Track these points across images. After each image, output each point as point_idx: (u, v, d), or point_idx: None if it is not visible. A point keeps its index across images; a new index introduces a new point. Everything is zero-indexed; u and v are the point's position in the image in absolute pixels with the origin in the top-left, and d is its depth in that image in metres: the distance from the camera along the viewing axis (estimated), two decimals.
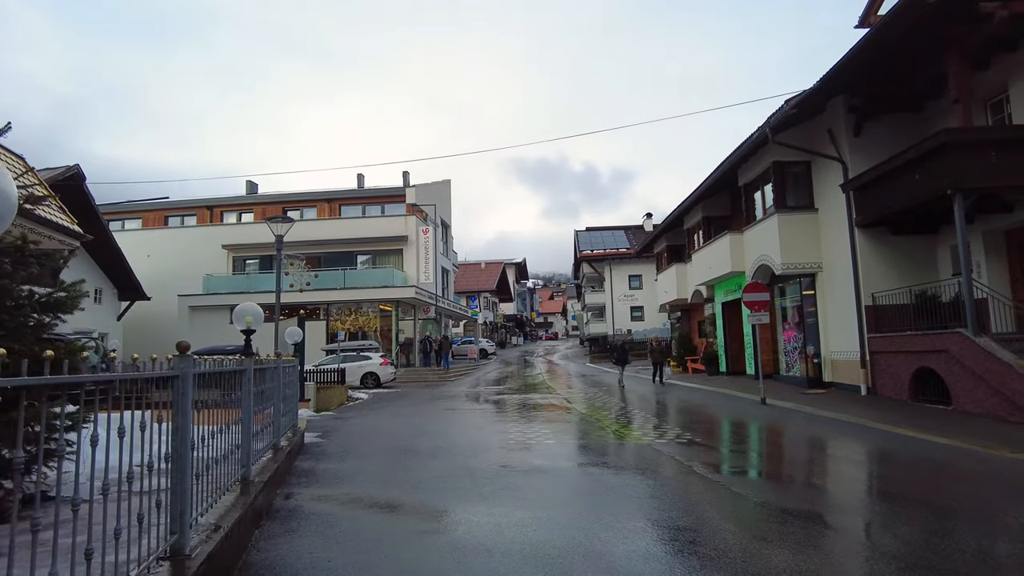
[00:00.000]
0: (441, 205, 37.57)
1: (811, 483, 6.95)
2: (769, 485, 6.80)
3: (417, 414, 14.66)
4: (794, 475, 7.55)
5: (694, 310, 27.24)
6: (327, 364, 24.38)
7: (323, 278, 31.77)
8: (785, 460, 8.66)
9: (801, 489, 6.55)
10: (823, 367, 15.98)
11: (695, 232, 24.73)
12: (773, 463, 8.28)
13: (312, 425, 12.36)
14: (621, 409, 14.01)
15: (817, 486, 6.74)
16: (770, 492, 6.27)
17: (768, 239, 17.00)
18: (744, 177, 18.87)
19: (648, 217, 57.23)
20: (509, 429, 11.11)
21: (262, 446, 6.94)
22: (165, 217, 38.23)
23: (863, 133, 14.78)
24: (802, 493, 6.28)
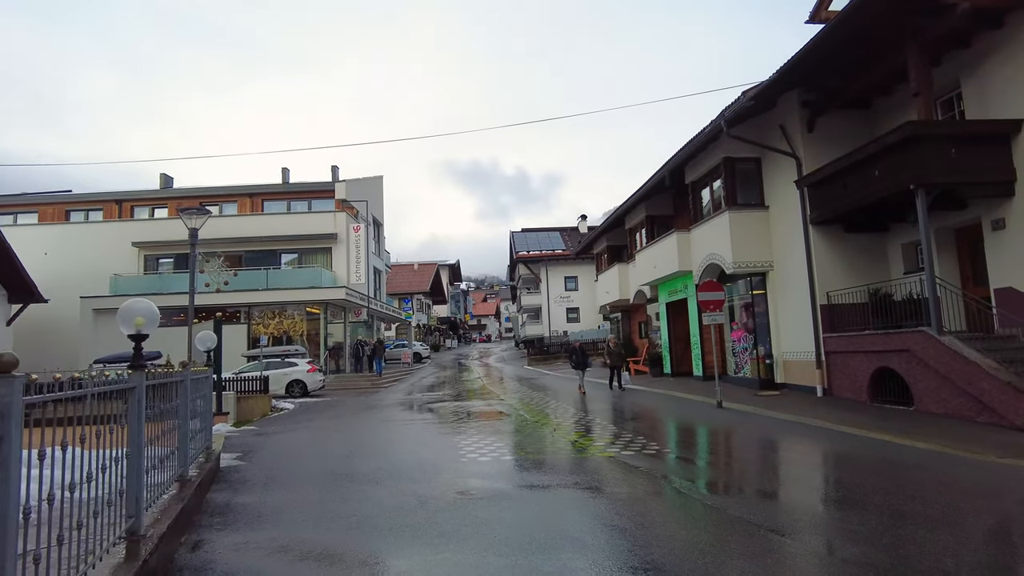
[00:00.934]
0: (373, 202, 35.83)
1: (819, 500, 6.18)
2: (764, 505, 5.97)
3: (351, 427, 13.25)
4: (785, 490, 6.77)
5: (634, 311, 26.85)
6: (249, 371, 22.43)
7: (244, 278, 29.49)
8: (769, 472, 7.90)
9: (805, 511, 5.74)
10: (775, 368, 15.63)
11: (637, 231, 24.27)
12: (756, 476, 7.49)
13: (230, 443, 10.78)
14: (577, 417, 13.09)
15: (829, 500, 5.96)
16: (764, 512, 5.42)
17: (718, 237, 16.56)
18: (692, 174, 18.43)
19: (583, 219, 57.22)
20: (459, 444, 9.94)
21: (166, 478, 5.54)
22: (66, 211, 34.67)
23: (816, 128, 14.50)
24: (810, 517, 5.46)
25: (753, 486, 6.86)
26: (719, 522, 5.24)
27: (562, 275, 52.37)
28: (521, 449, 9.31)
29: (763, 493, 6.45)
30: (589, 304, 51.13)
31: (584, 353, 18.94)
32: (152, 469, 4.86)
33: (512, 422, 12.79)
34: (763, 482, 7.09)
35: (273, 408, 20.04)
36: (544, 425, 12.02)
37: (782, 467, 8.05)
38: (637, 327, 26.56)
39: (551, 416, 13.36)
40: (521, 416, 13.64)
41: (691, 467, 7.79)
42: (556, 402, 16.26)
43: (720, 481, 6.98)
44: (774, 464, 8.19)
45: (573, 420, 12.48)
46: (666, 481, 6.84)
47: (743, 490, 6.66)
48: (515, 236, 56.76)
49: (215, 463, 7.89)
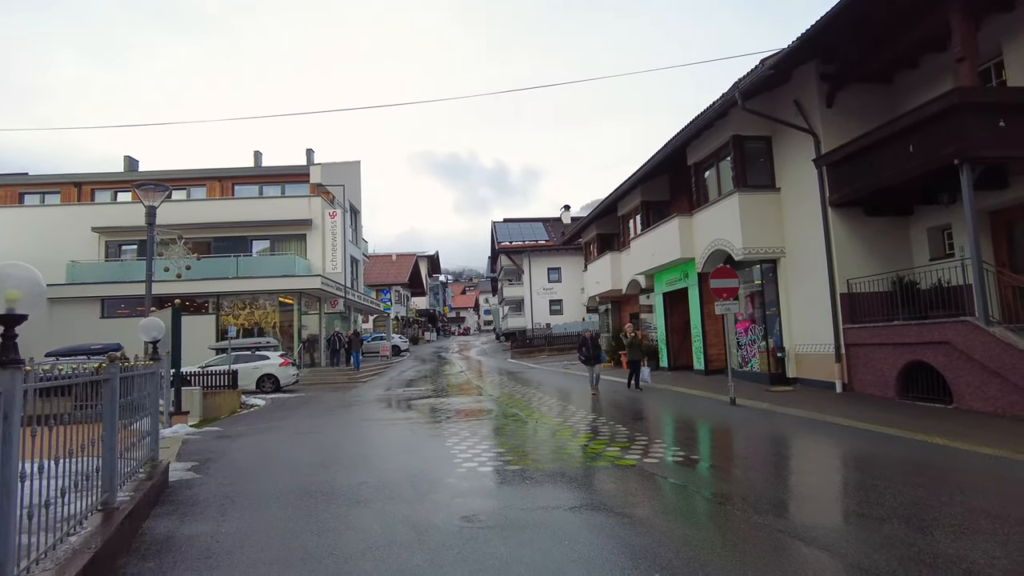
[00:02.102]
0: (350, 188, 34.15)
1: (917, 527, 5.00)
2: (840, 529, 4.76)
3: (328, 428, 11.85)
4: (854, 509, 5.59)
5: (624, 302, 25.73)
6: (216, 365, 20.84)
7: (213, 266, 27.73)
8: (826, 485, 6.72)
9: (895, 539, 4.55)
10: (787, 362, 14.57)
11: (631, 218, 23.10)
12: (811, 490, 6.29)
13: (188, 449, 9.33)
14: (578, 416, 11.85)
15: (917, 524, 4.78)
16: (844, 539, 4.22)
17: (725, 221, 15.42)
18: (695, 155, 17.26)
19: (566, 209, 56.09)
20: (452, 450, 8.63)
21: (79, 509, 4.16)
22: (20, 194, 32.46)
23: (835, 104, 13.40)
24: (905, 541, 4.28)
25: (813, 504, 5.67)
26: (798, 559, 4.02)
27: (545, 266, 51.17)
28: (526, 457, 8.03)
29: (825, 511, 5.27)
30: (573, 296, 50.06)
31: (597, 345, 15.73)
32: (47, 505, 3.48)
33: (506, 422, 11.51)
34: (822, 499, 5.91)
35: (242, 405, 18.58)
36: (544, 425, 10.76)
37: (835, 478, 6.88)
38: (628, 319, 25.43)
39: (549, 415, 12.11)
40: (514, 414, 12.37)
41: (729, 479, 6.58)
42: (550, 398, 15.02)
43: (770, 497, 5.77)
44: (826, 475, 7.01)
45: (575, 419, 11.23)
46: (713, 501, 5.62)
47: (803, 509, 5.46)
48: (497, 226, 55.39)
49: (162, 477, 6.48)
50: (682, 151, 17.57)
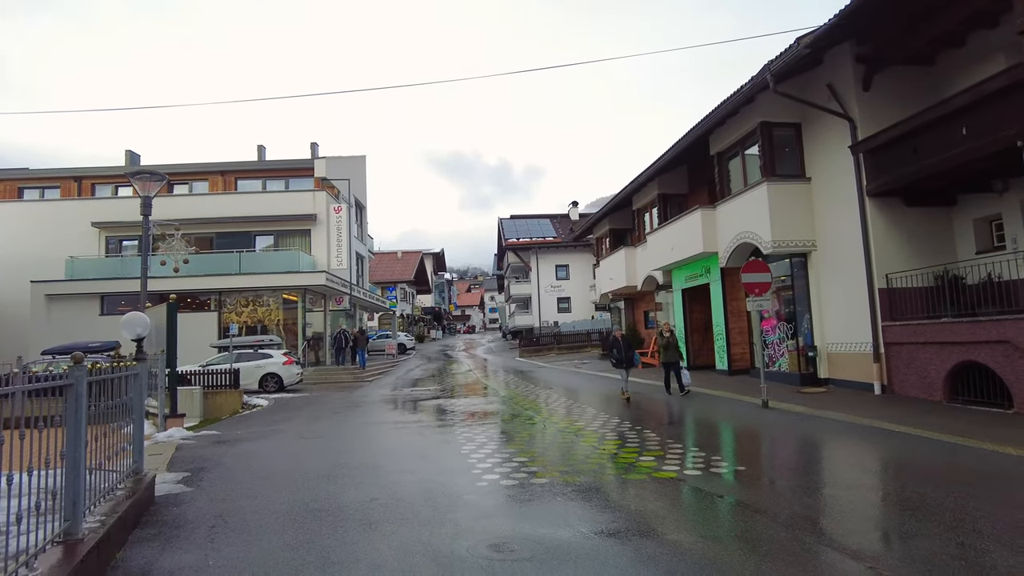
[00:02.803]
0: (355, 182, 33.41)
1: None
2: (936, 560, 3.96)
3: (332, 432, 11.10)
4: (936, 532, 4.78)
5: (638, 299, 24.92)
6: (218, 364, 20.15)
7: (216, 262, 27.08)
8: (890, 501, 5.91)
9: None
10: (818, 361, 13.75)
11: (647, 212, 22.28)
12: (882, 509, 5.49)
13: (181, 457, 8.58)
14: (600, 420, 11.06)
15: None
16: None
17: (753, 213, 14.59)
18: (719, 144, 16.43)
19: (574, 205, 55.30)
20: (469, 458, 7.86)
21: (29, 543, 3.40)
22: (20, 189, 31.87)
23: (872, 87, 12.56)
24: None
25: (890, 526, 4.87)
26: None
27: (553, 263, 50.36)
28: (551, 467, 7.25)
29: (906, 534, 4.47)
30: (582, 294, 49.24)
31: (629, 346, 13.98)
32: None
33: (524, 426, 10.73)
34: (894, 520, 5.10)
35: (244, 405, 17.91)
36: (566, 430, 9.98)
37: (899, 492, 6.07)
38: (643, 316, 24.62)
39: (569, 418, 11.32)
40: (531, 418, 11.59)
41: (787, 497, 5.78)
42: (567, 399, 14.23)
43: (839, 520, 4.97)
44: (893, 489, 6.21)
45: (597, 424, 10.44)
46: (779, 526, 4.83)
47: (895, 545, 4.65)
48: (504, 223, 54.58)
49: (146, 493, 5.72)
50: (704, 140, 16.74)
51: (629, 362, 13.70)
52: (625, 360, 13.60)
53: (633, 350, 14.34)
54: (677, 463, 7.24)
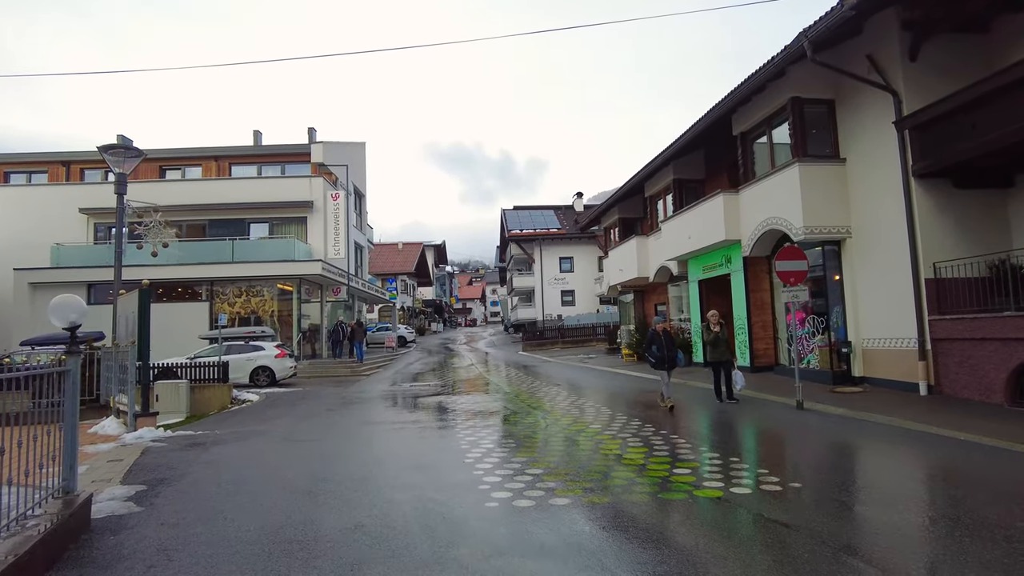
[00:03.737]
0: (354, 169, 32.23)
1: None
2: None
3: (322, 433, 10.01)
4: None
5: (650, 292, 23.79)
6: (207, 356, 19.09)
7: (207, 249, 25.98)
8: (975, 526, 4.81)
9: None
10: (852, 358, 12.64)
11: (661, 199, 21.14)
12: (956, 530, 4.38)
13: (144, 464, 7.49)
14: (621, 421, 9.97)
15: None
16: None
17: (782, 197, 13.45)
18: (743, 123, 15.26)
19: (578, 196, 54.11)
20: (474, 469, 6.77)
21: None
22: (5, 173, 30.73)
23: (920, 57, 11.39)
24: None
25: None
26: None
27: (557, 255, 49.29)
28: (571, 481, 6.16)
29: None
30: (586, 286, 48.17)
31: (672, 343, 11.50)
32: None
33: (534, 430, 9.63)
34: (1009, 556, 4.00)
35: (234, 400, 16.86)
36: (582, 434, 8.88)
37: (979, 512, 4.98)
38: (653, 310, 23.50)
39: (584, 420, 10.22)
40: (541, 419, 10.49)
41: (866, 522, 4.68)
42: (578, 397, 13.13)
43: (925, 551, 3.87)
44: (970, 508, 5.10)
45: (616, 425, 9.33)
46: (867, 564, 3.73)
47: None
48: (507, 214, 53.42)
49: (74, 519, 4.61)
50: (726, 120, 15.56)
51: (672, 362, 11.25)
52: (667, 360, 11.14)
53: (676, 348, 12.01)
54: (719, 477, 6.15)
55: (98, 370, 11.61)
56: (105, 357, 11.22)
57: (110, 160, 11.39)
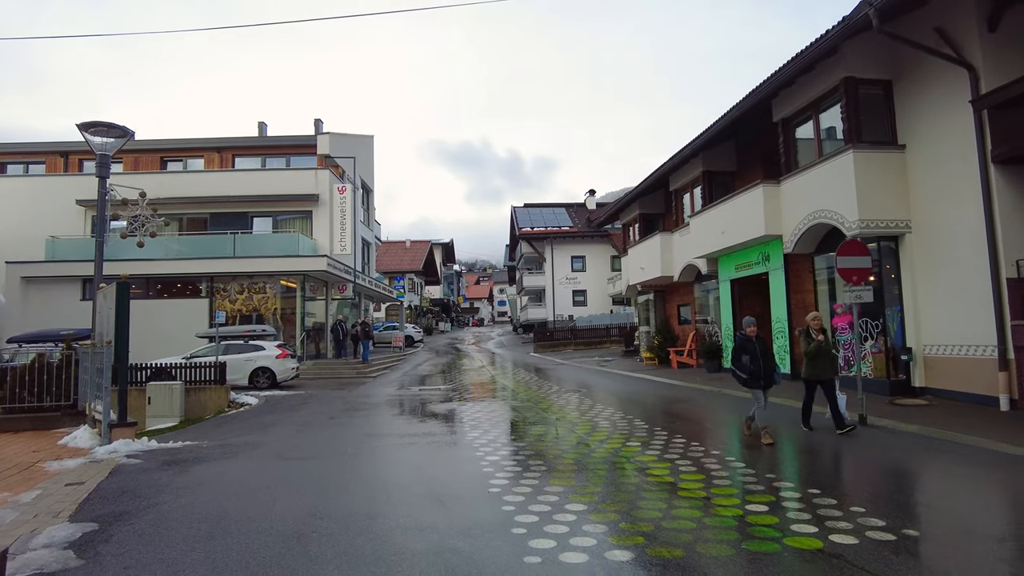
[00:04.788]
0: (362, 163, 31.09)
1: None
2: None
3: (321, 448, 8.82)
4: None
5: (672, 292, 22.50)
6: (204, 356, 17.99)
7: (207, 243, 24.92)
8: None
9: None
10: (913, 366, 11.36)
11: (687, 193, 19.86)
12: None
13: (107, 489, 6.31)
14: (665, 434, 8.73)
15: None
16: None
17: (833, 188, 12.17)
18: (785, 108, 13.98)
19: (591, 194, 52.90)
20: (504, 502, 5.58)
21: None
22: (2, 164, 29.77)
23: (1001, 27, 10.11)
24: None
25: None
26: None
27: (569, 254, 48.02)
28: (628, 523, 4.94)
29: None
30: (598, 286, 46.92)
31: (770, 353, 8.83)
32: None
33: (567, 448, 8.41)
34: None
35: (231, 403, 15.81)
36: (625, 458, 7.66)
37: None
38: (676, 311, 22.22)
39: (616, 434, 8.98)
40: (568, 432, 9.27)
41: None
42: (604, 406, 11.88)
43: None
44: None
45: (657, 445, 8.09)
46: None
47: None
48: (517, 212, 52.20)
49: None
50: (765, 105, 14.28)
51: (769, 378, 8.44)
52: (764, 374, 8.38)
53: (774, 360, 8.90)
54: (807, 519, 4.93)
55: (76, 372, 10.47)
56: (83, 358, 10.08)
57: (91, 140, 10.27)
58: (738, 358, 8.57)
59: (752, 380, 8.40)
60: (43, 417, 10.16)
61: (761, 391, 8.41)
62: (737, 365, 8.56)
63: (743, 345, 8.59)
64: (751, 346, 8.50)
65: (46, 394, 10.29)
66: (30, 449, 8.41)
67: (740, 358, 8.53)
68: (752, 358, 8.41)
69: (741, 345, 8.61)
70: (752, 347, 8.49)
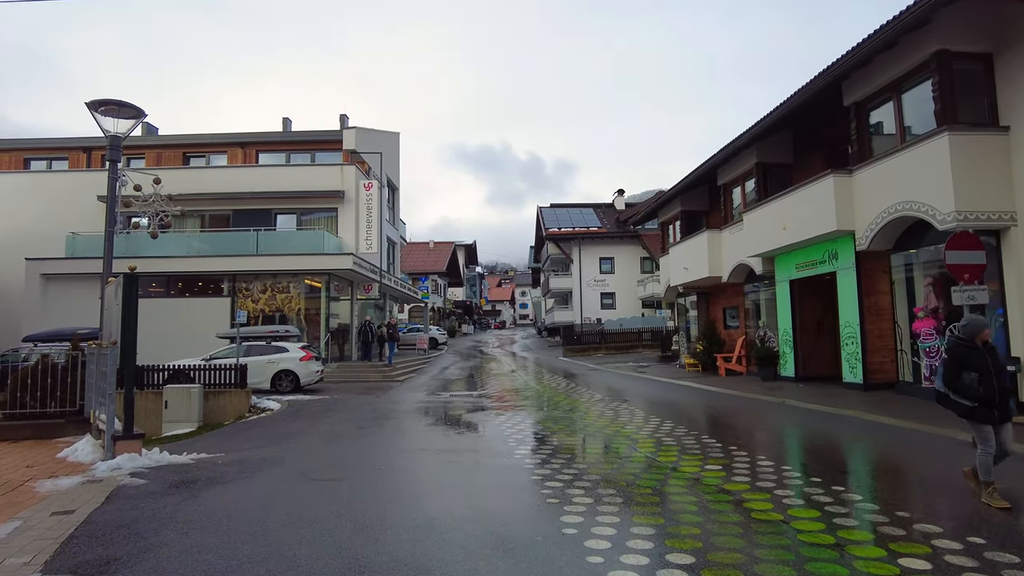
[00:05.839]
0: (388, 160, 30.17)
1: None
2: None
3: (352, 467, 7.71)
4: None
5: (717, 294, 21.12)
6: (225, 357, 17.11)
7: (230, 241, 24.15)
8: None
9: None
10: (1020, 379, 9.96)
11: (737, 186, 18.53)
12: None
13: (100, 522, 5.25)
14: (730, 451, 7.48)
15: None
16: None
17: (921, 176, 10.82)
18: (858, 90, 12.64)
19: (620, 194, 51.52)
20: (590, 556, 4.40)
21: None
22: (26, 160, 29.40)
23: None
24: None
25: None
26: None
27: (597, 256, 46.70)
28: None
29: None
30: (627, 289, 45.54)
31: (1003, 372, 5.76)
32: None
33: (631, 469, 7.20)
34: None
35: (252, 408, 14.91)
36: (701, 484, 6.43)
37: None
38: (722, 314, 20.85)
39: (682, 450, 7.73)
40: (625, 447, 8.05)
41: None
42: (654, 416, 10.61)
43: None
44: None
45: (736, 466, 6.84)
46: None
47: None
48: (543, 212, 51.01)
49: None
50: (832, 90, 12.95)
51: (1006, 408, 5.68)
52: (999, 398, 5.60)
53: (1008, 378, 6.85)
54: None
55: (83, 375, 9.52)
56: (90, 359, 9.12)
57: (100, 119, 9.32)
58: (955, 375, 5.69)
59: (982, 411, 5.58)
60: (46, 424, 9.22)
61: (991, 427, 5.60)
62: (955, 386, 5.68)
63: (966, 357, 5.67)
64: (979, 359, 5.61)
65: (50, 399, 9.36)
66: (24, 463, 7.43)
67: (960, 375, 5.66)
68: (983, 377, 5.56)
69: (963, 356, 5.69)
70: (982, 360, 5.61)
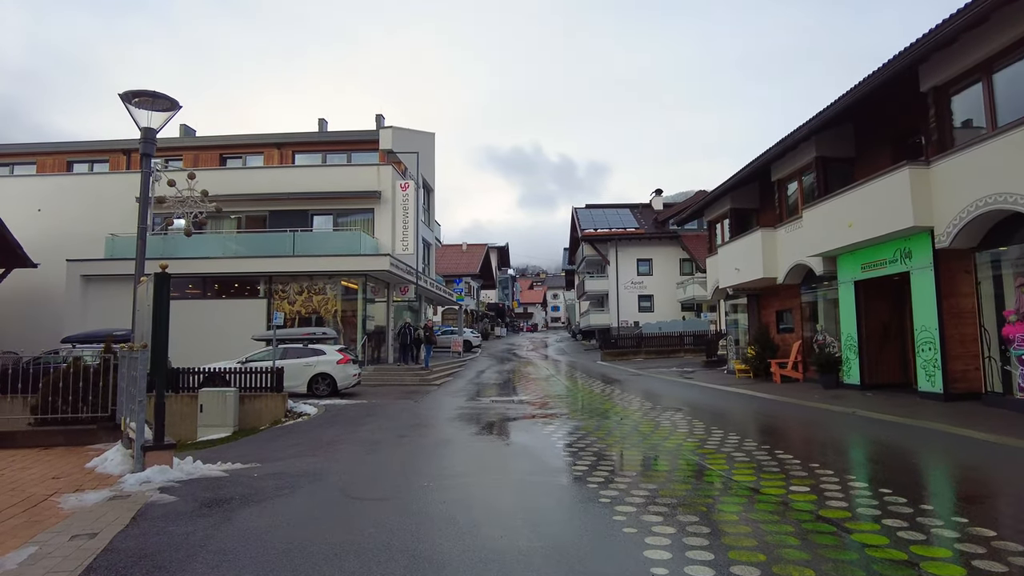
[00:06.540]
0: (424, 161, 29.73)
1: None
2: None
3: (398, 481, 7.06)
4: None
5: (770, 295, 20.04)
6: (260, 360, 16.76)
7: (266, 242, 23.96)
8: None
9: None
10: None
11: (793, 182, 17.50)
12: None
13: (121, 550, 4.66)
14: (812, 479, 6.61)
15: None
16: None
17: (1018, 165, 9.78)
18: (940, 73, 11.61)
19: (657, 194, 50.42)
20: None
21: None
22: (68, 162, 29.78)
23: None
24: None
25: None
26: None
27: (634, 257, 45.72)
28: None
29: None
30: (666, 291, 44.43)
31: None
32: None
33: (714, 489, 6.40)
34: None
35: (288, 412, 14.48)
36: (797, 507, 5.60)
37: None
38: (774, 317, 19.78)
39: (770, 469, 6.88)
40: (700, 464, 7.24)
41: None
42: (716, 426, 9.74)
43: None
44: None
45: (852, 494, 5.96)
46: None
47: None
48: (579, 213, 50.20)
49: None
50: (905, 76, 11.95)
51: None
52: None
53: None
54: None
55: (115, 378, 9.11)
56: (122, 362, 8.69)
57: (134, 111, 8.92)
58: None
59: None
60: (78, 431, 8.82)
61: None
62: None
63: None
64: None
65: (82, 404, 8.96)
66: (51, 474, 6.98)
67: None
68: None
69: None
70: None
